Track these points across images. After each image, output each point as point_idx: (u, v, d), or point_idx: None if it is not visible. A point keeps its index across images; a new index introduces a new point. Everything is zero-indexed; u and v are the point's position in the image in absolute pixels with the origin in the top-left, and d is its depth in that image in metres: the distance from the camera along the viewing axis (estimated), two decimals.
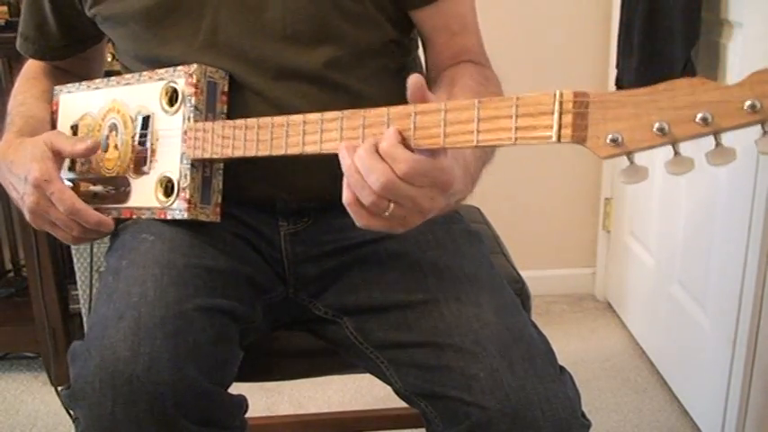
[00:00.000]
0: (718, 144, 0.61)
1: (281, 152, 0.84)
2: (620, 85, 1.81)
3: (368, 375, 1.00)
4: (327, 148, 0.80)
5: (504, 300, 0.93)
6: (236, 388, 0.92)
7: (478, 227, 1.26)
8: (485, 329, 0.87)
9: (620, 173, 0.65)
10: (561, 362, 0.89)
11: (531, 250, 2.22)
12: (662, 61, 1.63)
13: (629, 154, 0.63)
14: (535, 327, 0.92)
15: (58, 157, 0.97)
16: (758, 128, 0.59)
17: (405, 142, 0.73)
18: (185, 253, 0.93)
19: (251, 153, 0.87)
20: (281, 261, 1.03)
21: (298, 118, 0.82)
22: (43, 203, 0.94)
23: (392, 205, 0.73)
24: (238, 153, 0.89)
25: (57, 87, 1.11)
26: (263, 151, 0.86)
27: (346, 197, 0.75)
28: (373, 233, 1.01)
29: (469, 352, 0.85)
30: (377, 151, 0.73)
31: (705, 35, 1.55)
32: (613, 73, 1.92)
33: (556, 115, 0.65)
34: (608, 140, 0.62)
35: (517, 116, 0.67)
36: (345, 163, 0.74)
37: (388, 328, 0.93)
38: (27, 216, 0.97)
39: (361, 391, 1.86)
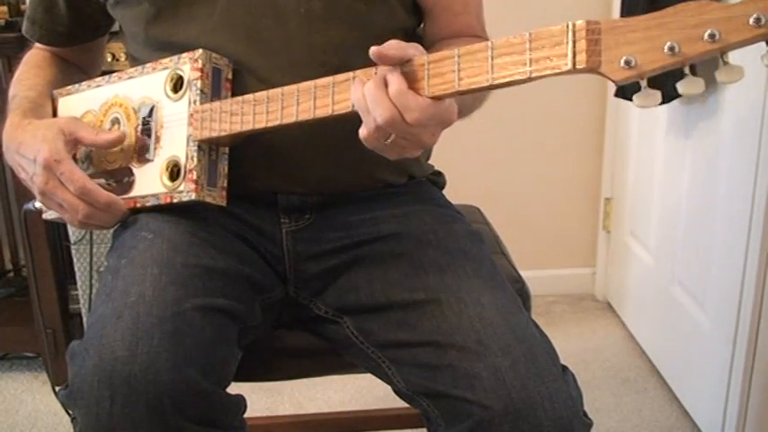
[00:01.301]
0: (725, 63, 0.63)
1: (292, 120, 0.85)
2: (619, 85, 1.81)
3: (368, 375, 1.00)
4: (339, 108, 0.81)
5: (506, 299, 0.93)
6: (236, 388, 0.92)
7: (479, 227, 1.26)
8: (487, 329, 0.87)
9: (634, 97, 0.66)
10: (562, 362, 0.89)
11: (531, 250, 2.22)
12: None
13: (643, 76, 0.65)
14: (537, 326, 0.92)
15: (73, 143, 0.98)
16: (763, 45, 0.61)
17: (412, 86, 0.76)
18: (184, 252, 0.92)
19: (260, 125, 0.88)
20: (282, 259, 1.03)
21: (308, 84, 0.84)
22: (52, 184, 0.95)
23: (393, 136, 0.77)
24: (247, 127, 0.89)
25: (55, 91, 1.11)
26: (273, 121, 0.86)
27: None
28: (374, 231, 1.01)
29: (472, 351, 0.85)
30: (385, 87, 0.76)
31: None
32: None
33: (570, 44, 0.67)
34: (622, 64, 0.65)
35: (531, 50, 0.69)
36: (355, 95, 0.78)
37: (390, 327, 0.93)
38: (38, 197, 0.98)
39: (361, 391, 1.86)
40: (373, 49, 0.77)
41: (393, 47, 0.77)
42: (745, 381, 1.48)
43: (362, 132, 0.79)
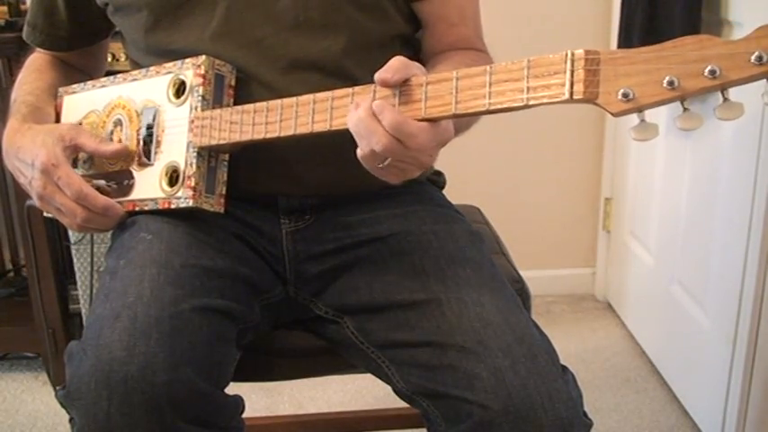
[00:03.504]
0: (725, 99, 0.62)
1: (290, 132, 0.85)
2: None
3: (368, 375, 1.00)
4: (337, 124, 0.81)
5: (505, 299, 0.93)
6: (235, 388, 0.92)
7: (479, 227, 1.26)
8: (487, 329, 0.87)
9: (630, 130, 0.66)
10: (561, 362, 0.89)
11: (531, 250, 2.22)
12: None
13: (641, 109, 0.64)
14: (537, 326, 0.92)
15: (74, 149, 0.98)
16: (763, 83, 0.61)
17: (409, 106, 0.76)
18: (183, 253, 0.92)
19: (259, 136, 0.88)
20: (282, 259, 1.03)
21: (308, 98, 0.84)
22: (50, 188, 0.95)
23: (389, 159, 0.77)
24: (246, 137, 0.89)
25: (61, 89, 1.11)
26: (272, 133, 0.86)
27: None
28: (374, 231, 1.01)
29: (472, 351, 0.85)
30: (373, 114, 0.76)
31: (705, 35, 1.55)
32: None
33: (568, 73, 0.66)
34: (620, 96, 0.64)
35: (528, 77, 0.69)
36: (351, 120, 0.78)
37: (390, 327, 0.93)
38: (36, 202, 0.98)
39: (361, 391, 1.86)
40: (377, 77, 0.77)
41: (396, 70, 0.77)
42: (745, 381, 1.48)
43: (359, 153, 0.79)
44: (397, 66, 0.77)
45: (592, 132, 2.21)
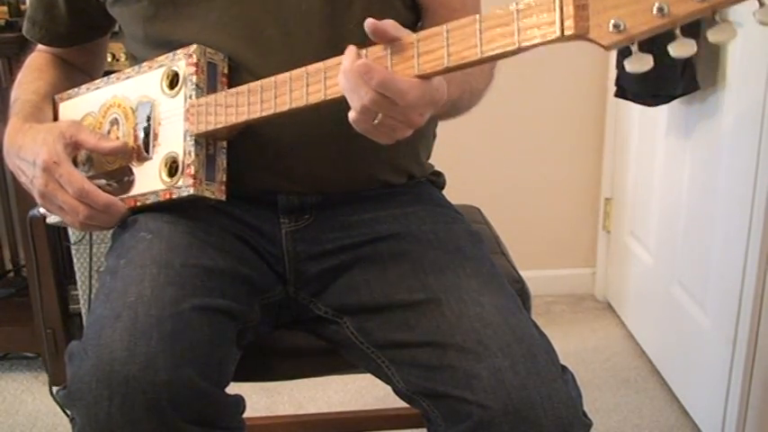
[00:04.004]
0: (716, 21, 0.62)
1: (286, 107, 0.84)
2: (619, 85, 1.81)
3: (368, 375, 1.00)
4: (332, 93, 0.81)
5: (505, 299, 0.93)
6: (236, 388, 0.92)
7: (478, 227, 1.26)
8: (487, 329, 0.87)
9: (625, 62, 0.65)
10: (561, 362, 0.89)
11: (531, 250, 2.22)
12: (662, 61, 1.63)
13: (633, 39, 0.64)
14: (536, 326, 0.92)
15: (74, 146, 0.98)
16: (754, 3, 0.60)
17: (402, 64, 0.76)
18: (183, 252, 0.92)
19: (255, 115, 0.87)
20: (282, 259, 1.03)
21: (300, 71, 0.83)
22: (52, 186, 0.95)
23: (380, 115, 0.76)
24: (242, 118, 0.89)
25: (56, 96, 1.11)
26: (267, 110, 0.86)
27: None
28: (373, 231, 1.01)
29: (472, 351, 0.85)
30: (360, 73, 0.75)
31: (705, 35, 1.54)
32: (613, 73, 1.91)
33: (557, 11, 0.66)
34: (611, 28, 0.63)
35: (518, 19, 0.68)
36: (340, 78, 0.78)
37: (390, 327, 0.93)
38: (38, 200, 0.98)
39: (361, 391, 1.86)
40: (369, 22, 0.76)
41: (391, 24, 0.77)
42: (745, 381, 1.48)
43: (351, 115, 0.78)
44: (391, 22, 0.77)
45: (592, 132, 2.21)
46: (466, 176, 1.16)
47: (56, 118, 1.10)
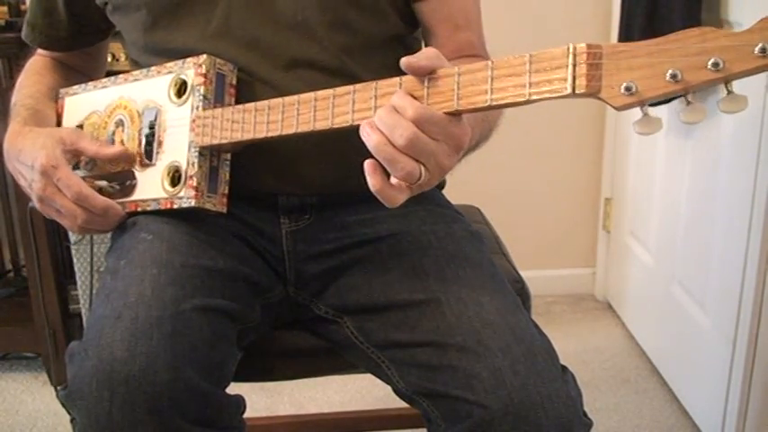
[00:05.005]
0: (729, 92, 0.62)
1: (292, 131, 0.84)
2: None
3: (368, 375, 1.00)
4: (338, 122, 0.80)
5: (505, 299, 0.93)
6: (236, 388, 0.92)
7: (478, 227, 1.26)
8: (487, 329, 0.87)
9: (633, 123, 0.65)
10: (561, 362, 0.89)
11: (531, 250, 2.22)
12: None
13: (644, 103, 0.64)
14: (536, 326, 0.92)
15: (74, 153, 0.98)
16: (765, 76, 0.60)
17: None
18: (183, 253, 0.93)
19: (261, 135, 0.87)
20: (282, 259, 1.03)
21: (309, 96, 0.83)
22: (50, 190, 0.95)
23: (423, 170, 0.73)
24: (248, 136, 0.88)
25: (62, 90, 1.11)
26: (274, 132, 0.86)
27: (374, 183, 0.73)
28: (373, 231, 1.01)
29: (472, 351, 0.85)
30: (395, 109, 0.73)
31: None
32: None
33: (570, 68, 0.65)
34: (622, 90, 0.63)
35: (531, 72, 0.68)
36: (372, 140, 0.73)
37: (390, 327, 0.93)
38: (36, 204, 0.98)
39: (361, 391, 1.86)
40: (404, 61, 0.74)
41: (429, 56, 0.74)
42: (745, 381, 1.48)
43: (390, 201, 0.74)
44: (430, 53, 0.75)
45: (592, 132, 2.21)
46: (466, 176, 1.16)
47: (60, 113, 1.10)
